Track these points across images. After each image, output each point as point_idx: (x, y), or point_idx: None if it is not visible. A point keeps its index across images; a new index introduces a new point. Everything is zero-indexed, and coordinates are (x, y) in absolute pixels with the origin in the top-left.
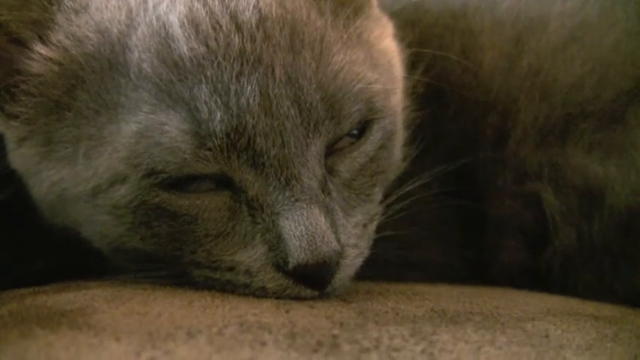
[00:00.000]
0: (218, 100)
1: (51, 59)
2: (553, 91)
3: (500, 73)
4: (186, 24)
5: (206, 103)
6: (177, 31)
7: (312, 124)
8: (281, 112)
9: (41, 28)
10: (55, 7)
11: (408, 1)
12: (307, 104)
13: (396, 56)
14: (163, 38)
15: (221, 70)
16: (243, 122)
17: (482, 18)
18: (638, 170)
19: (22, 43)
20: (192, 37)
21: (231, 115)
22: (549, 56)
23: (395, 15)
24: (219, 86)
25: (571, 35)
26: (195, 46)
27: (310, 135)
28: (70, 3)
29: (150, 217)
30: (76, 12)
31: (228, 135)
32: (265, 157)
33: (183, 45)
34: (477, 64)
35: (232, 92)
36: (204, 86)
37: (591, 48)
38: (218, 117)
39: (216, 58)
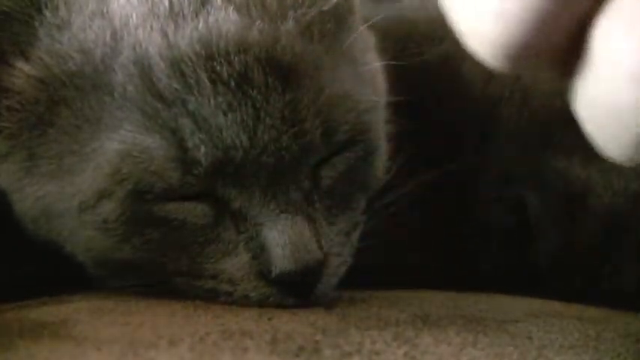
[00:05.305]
0: (202, 135)
1: (33, 76)
2: (533, 95)
3: (480, 79)
4: (165, 57)
5: (191, 136)
6: (157, 65)
7: (304, 151)
8: (270, 144)
9: (23, 44)
10: (37, 23)
11: (388, 11)
12: (300, 133)
13: (379, 69)
14: (146, 68)
15: (203, 105)
16: (230, 155)
17: None
18: (619, 173)
19: (3, 59)
20: (172, 73)
21: (217, 149)
22: None
23: (375, 26)
24: (202, 121)
25: None
26: (176, 82)
27: (301, 160)
28: (52, 19)
29: (142, 225)
30: (59, 28)
31: (214, 164)
32: (252, 179)
33: (165, 79)
34: (456, 71)
35: (215, 128)
36: (187, 120)
37: None
38: (203, 150)
39: (195, 94)
